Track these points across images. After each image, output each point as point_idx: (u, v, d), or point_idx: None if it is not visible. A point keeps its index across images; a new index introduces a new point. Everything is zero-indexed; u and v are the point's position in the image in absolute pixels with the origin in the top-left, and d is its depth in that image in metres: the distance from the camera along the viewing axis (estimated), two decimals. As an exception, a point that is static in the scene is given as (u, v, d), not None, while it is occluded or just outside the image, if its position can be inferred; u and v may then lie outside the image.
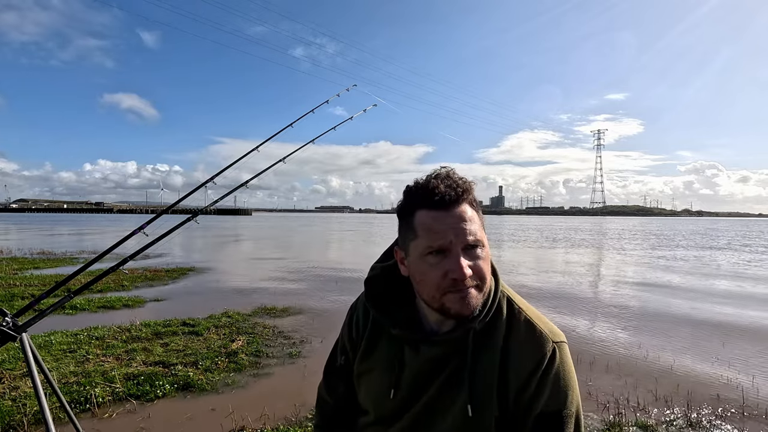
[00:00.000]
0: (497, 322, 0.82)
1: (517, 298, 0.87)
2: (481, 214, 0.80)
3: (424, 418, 0.84)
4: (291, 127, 2.76)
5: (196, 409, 3.32)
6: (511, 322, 0.82)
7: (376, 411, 0.91)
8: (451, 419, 0.79)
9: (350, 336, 1.01)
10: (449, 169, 0.81)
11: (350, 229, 42.13)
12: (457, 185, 0.78)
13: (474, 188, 0.80)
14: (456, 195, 0.77)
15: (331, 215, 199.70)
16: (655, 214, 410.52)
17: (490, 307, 0.81)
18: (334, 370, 1.05)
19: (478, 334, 0.80)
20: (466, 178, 0.80)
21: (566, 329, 5.72)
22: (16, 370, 3.85)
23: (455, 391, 0.80)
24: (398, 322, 0.87)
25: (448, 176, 0.79)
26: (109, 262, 2.04)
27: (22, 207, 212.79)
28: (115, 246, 1.96)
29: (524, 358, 0.78)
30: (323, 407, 1.07)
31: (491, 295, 0.82)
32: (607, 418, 3.27)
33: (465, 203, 0.78)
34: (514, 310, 0.83)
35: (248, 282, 9.41)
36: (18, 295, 7.19)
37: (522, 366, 0.77)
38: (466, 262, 0.75)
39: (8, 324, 1.64)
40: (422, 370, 0.84)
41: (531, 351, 0.78)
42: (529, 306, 0.86)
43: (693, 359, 4.71)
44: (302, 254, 16.78)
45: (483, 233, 0.79)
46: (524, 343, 0.79)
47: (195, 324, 5.53)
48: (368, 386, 0.93)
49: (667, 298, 8.27)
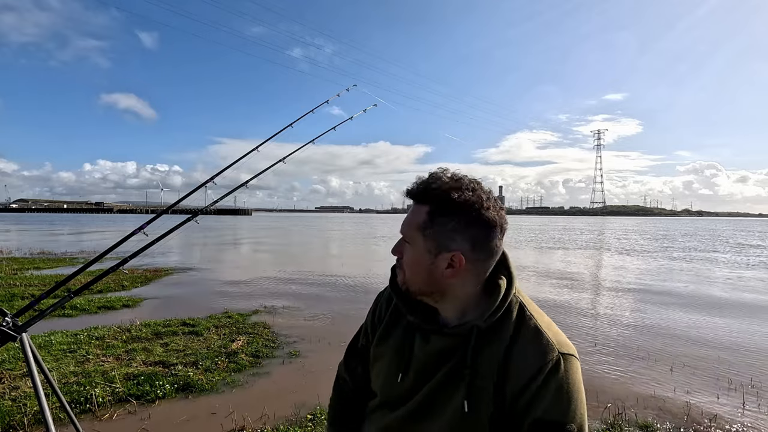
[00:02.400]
0: (505, 323, 0.82)
1: (532, 306, 0.87)
2: (453, 224, 0.80)
3: (424, 407, 0.86)
4: (291, 127, 2.77)
5: (196, 409, 3.32)
6: (520, 326, 0.82)
7: (384, 394, 0.95)
8: (450, 411, 0.81)
9: (372, 320, 1.05)
10: (444, 170, 0.85)
11: (351, 229, 42.11)
12: (425, 186, 0.84)
13: (446, 194, 0.80)
14: (417, 192, 0.84)
15: (331, 215, 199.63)
16: (655, 214, 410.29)
17: (498, 308, 0.82)
18: (355, 351, 1.09)
19: (483, 333, 0.82)
20: (450, 184, 0.81)
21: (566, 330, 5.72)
22: (16, 370, 3.85)
23: (455, 384, 0.82)
24: (415, 310, 0.90)
25: (432, 176, 0.84)
26: (109, 262, 2.04)
27: (22, 207, 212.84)
28: (115, 246, 1.96)
29: (527, 362, 0.78)
30: (341, 386, 1.11)
31: (500, 297, 0.83)
32: (607, 419, 3.27)
33: (421, 203, 0.84)
34: (525, 315, 0.84)
35: (248, 282, 9.41)
36: (18, 295, 7.19)
37: (523, 369, 0.77)
38: (397, 247, 0.89)
39: (8, 324, 1.64)
40: (429, 359, 0.87)
41: (534, 356, 0.78)
42: (543, 315, 0.86)
43: (692, 362, 4.71)
44: (302, 254, 16.79)
45: (421, 236, 0.83)
46: (529, 348, 0.79)
47: (195, 324, 5.53)
48: (380, 369, 0.97)
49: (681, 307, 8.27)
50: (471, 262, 0.82)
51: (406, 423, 0.89)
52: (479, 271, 0.85)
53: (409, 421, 0.88)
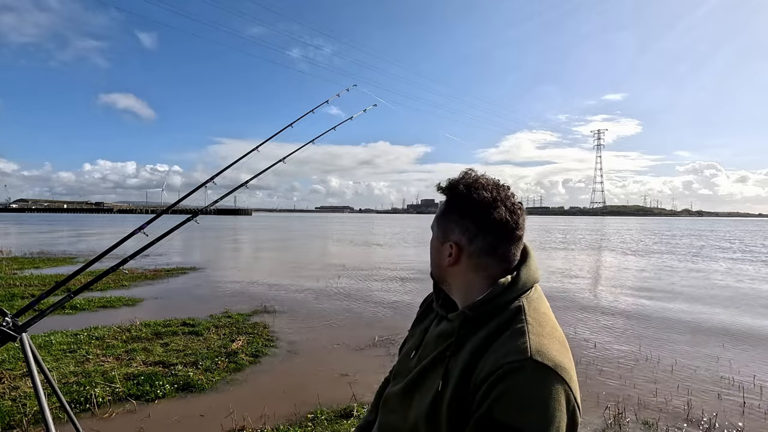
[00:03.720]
0: (495, 319, 0.83)
1: (536, 312, 0.84)
2: (455, 216, 0.91)
3: (415, 383, 0.91)
4: (291, 127, 2.76)
5: (196, 408, 3.32)
6: (508, 325, 0.81)
7: (398, 368, 1.03)
8: (432, 390, 0.85)
9: (419, 309, 1.14)
10: (470, 170, 0.95)
11: (352, 229, 42.12)
12: (449, 181, 0.94)
13: (458, 190, 0.91)
14: (443, 186, 0.95)
15: (332, 215, 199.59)
16: (655, 214, 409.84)
17: (486, 302, 0.84)
18: (404, 341, 1.15)
19: (471, 322, 0.85)
20: (466, 181, 0.91)
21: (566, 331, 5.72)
22: (16, 370, 3.85)
23: (440, 365, 0.87)
24: (439, 297, 1.00)
25: (460, 173, 0.94)
26: (109, 262, 2.04)
27: (22, 207, 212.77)
28: (115, 246, 1.96)
29: (493, 357, 0.77)
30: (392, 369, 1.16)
31: (496, 291, 0.84)
32: (607, 416, 3.28)
33: (444, 202, 0.95)
34: (518, 316, 0.82)
35: (248, 282, 9.41)
36: (18, 295, 7.19)
37: (489, 364, 0.76)
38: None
39: (8, 324, 1.64)
40: (431, 341, 0.94)
41: (504, 355, 0.76)
42: (543, 325, 0.82)
43: (693, 359, 4.71)
44: (303, 255, 16.79)
45: (438, 227, 0.95)
46: (503, 346, 0.78)
47: (195, 324, 5.53)
48: (404, 349, 1.07)
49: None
50: (468, 255, 0.89)
51: (399, 396, 0.95)
52: (480, 266, 0.88)
53: (400, 395, 0.94)
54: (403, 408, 0.92)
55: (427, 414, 0.83)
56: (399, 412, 0.93)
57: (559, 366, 0.75)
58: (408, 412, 0.89)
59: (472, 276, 0.90)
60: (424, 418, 0.83)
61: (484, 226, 0.87)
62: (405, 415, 0.90)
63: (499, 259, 0.88)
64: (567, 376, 0.75)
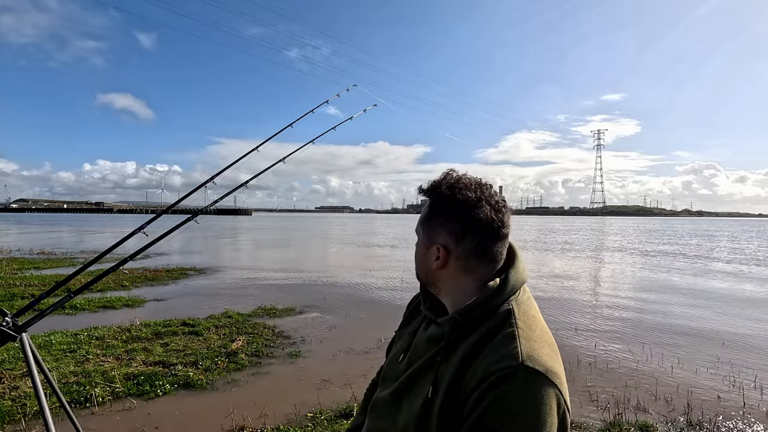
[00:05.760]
0: (485, 324, 0.82)
1: (526, 315, 0.84)
2: (440, 219, 0.89)
3: (404, 388, 0.90)
4: (291, 127, 2.76)
5: (196, 408, 3.32)
6: (498, 330, 0.81)
7: (387, 371, 1.01)
8: (423, 395, 0.83)
9: (405, 311, 1.13)
10: (452, 171, 0.93)
11: (352, 229, 42.11)
12: (431, 184, 0.92)
13: (441, 192, 0.89)
14: (425, 189, 0.93)
15: (331, 215, 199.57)
16: (655, 214, 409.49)
17: (475, 306, 0.83)
18: (391, 342, 1.15)
19: (461, 327, 0.83)
20: (449, 182, 0.90)
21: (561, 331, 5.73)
22: (16, 370, 3.85)
23: (429, 371, 0.85)
24: (427, 300, 0.99)
25: (441, 175, 0.93)
26: (109, 262, 2.04)
27: (22, 207, 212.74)
28: (115, 246, 1.96)
29: (484, 363, 0.76)
30: (379, 370, 1.15)
31: (485, 295, 0.83)
32: (607, 418, 3.27)
33: (428, 204, 0.93)
34: (508, 321, 0.81)
35: (248, 282, 9.41)
36: (18, 295, 7.20)
37: (480, 370, 0.75)
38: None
39: (8, 324, 1.64)
40: (421, 345, 0.93)
41: (495, 361, 0.75)
42: (533, 329, 0.82)
43: (694, 360, 4.71)
44: (303, 255, 16.79)
45: (423, 230, 0.93)
46: (494, 352, 0.77)
47: (195, 324, 5.53)
48: (393, 351, 1.06)
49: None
50: (456, 257, 0.87)
51: (388, 402, 0.93)
52: (469, 268, 0.87)
53: (389, 400, 0.92)
54: (392, 413, 0.90)
55: (417, 420, 0.82)
56: (388, 417, 0.91)
57: (550, 371, 0.74)
58: (397, 417, 0.88)
59: (461, 278, 0.88)
60: (414, 425, 0.82)
61: (470, 226, 0.85)
62: (394, 421, 0.89)
63: (487, 260, 0.87)
64: (558, 380, 0.75)
